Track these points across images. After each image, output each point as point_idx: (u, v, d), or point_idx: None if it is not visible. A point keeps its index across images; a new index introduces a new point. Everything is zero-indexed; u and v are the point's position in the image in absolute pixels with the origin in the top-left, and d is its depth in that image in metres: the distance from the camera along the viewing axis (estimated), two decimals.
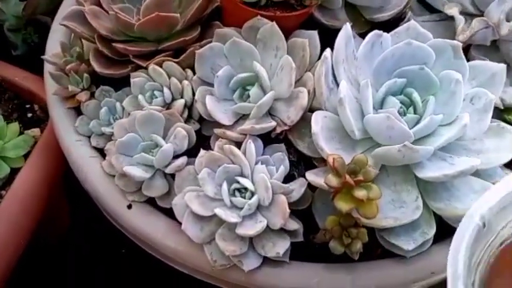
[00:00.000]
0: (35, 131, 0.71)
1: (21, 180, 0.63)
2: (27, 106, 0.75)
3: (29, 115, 0.74)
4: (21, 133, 0.69)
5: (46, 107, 0.73)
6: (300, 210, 0.52)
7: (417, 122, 0.52)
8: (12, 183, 0.63)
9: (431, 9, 0.68)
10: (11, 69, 0.75)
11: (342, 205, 0.42)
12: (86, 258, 0.95)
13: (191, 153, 0.56)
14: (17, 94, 0.75)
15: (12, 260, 0.60)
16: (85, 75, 0.60)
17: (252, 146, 0.50)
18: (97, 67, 0.59)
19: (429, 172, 0.48)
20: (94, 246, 0.96)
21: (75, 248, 0.93)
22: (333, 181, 0.42)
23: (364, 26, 0.66)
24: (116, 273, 0.95)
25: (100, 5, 0.63)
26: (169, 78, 0.57)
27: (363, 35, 0.63)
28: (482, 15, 0.62)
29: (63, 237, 0.87)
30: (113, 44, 0.60)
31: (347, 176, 0.42)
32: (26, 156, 0.67)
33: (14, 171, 0.66)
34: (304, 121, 0.54)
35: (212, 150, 0.55)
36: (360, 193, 0.42)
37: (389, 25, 0.64)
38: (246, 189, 0.50)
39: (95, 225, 0.90)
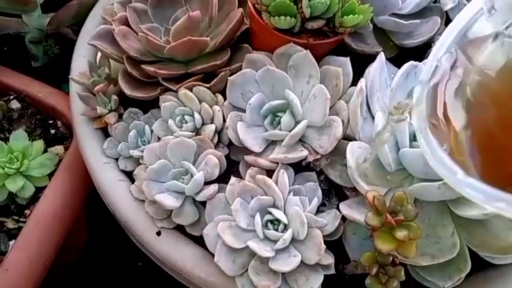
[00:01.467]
0: (59, 149, 0.70)
1: (47, 200, 0.62)
2: (50, 122, 0.74)
3: (52, 131, 0.73)
4: (45, 150, 0.69)
5: (69, 124, 0.73)
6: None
7: None
8: (37, 203, 0.63)
9: None
10: (35, 84, 0.75)
11: (383, 245, 0.42)
12: (103, 271, 0.95)
13: (220, 178, 0.55)
14: (39, 109, 0.75)
15: (40, 280, 0.59)
16: (113, 96, 0.60)
17: (285, 177, 0.50)
18: (126, 90, 0.59)
19: (468, 210, 0.47)
20: (110, 259, 0.96)
21: (92, 261, 0.93)
22: (374, 220, 0.42)
23: (393, 50, 0.66)
24: (133, 287, 0.95)
25: (127, 24, 0.63)
26: (200, 103, 0.57)
27: (391, 60, 0.63)
28: None
29: (81, 251, 0.87)
30: (143, 66, 0.59)
31: (388, 216, 0.41)
32: (49, 174, 0.67)
33: (38, 190, 0.66)
34: (336, 149, 0.54)
35: (241, 176, 0.55)
36: (401, 234, 0.41)
37: (418, 50, 0.64)
38: (278, 220, 0.49)
39: (111, 237, 0.90)
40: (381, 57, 0.54)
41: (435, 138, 0.37)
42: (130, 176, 0.59)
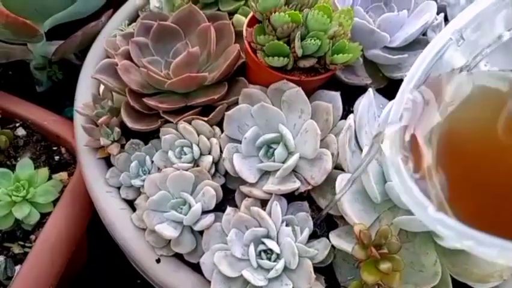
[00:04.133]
0: (63, 175, 0.73)
1: (52, 227, 0.65)
2: (54, 148, 0.77)
3: (56, 158, 0.76)
4: (49, 177, 0.72)
5: (73, 150, 0.75)
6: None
7: None
8: (43, 229, 0.66)
9: None
10: (40, 112, 0.78)
11: (368, 277, 0.45)
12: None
13: (217, 206, 0.58)
14: (44, 136, 0.78)
15: None
16: (116, 129, 0.63)
17: (278, 209, 0.53)
18: (128, 123, 0.62)
19: (450, 241, 0.49)
20: (109, 277, 0.98)
21: (92, 279, 0.95)
22: (360, 254, 0.45)
23: (382, 82, 0.69)
24: None
25: (130, 58, 0.66)
26: (198, 135, 0.60)
27: (381, 90, 0.67)
28: None
29: (81, 270, 0.89)
30: (144, 99, 0.62)
31: (373, 250, 0.44)
32: (54, 200, 0.70)
33: (43, 215, 0.68)
34: (326, 179, 0.56)
35: (237, 205, 0.58)
36: (385, 266, 0.44)
37: None
38: (271, 250, 0.52)
39: (111, 255, 0.92)
40: (370, 93, 0.58)
41: (406, 171, 0.36)
42: (131, 204, 0.62)
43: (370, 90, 0.58)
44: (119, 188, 0.63)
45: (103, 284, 0.98)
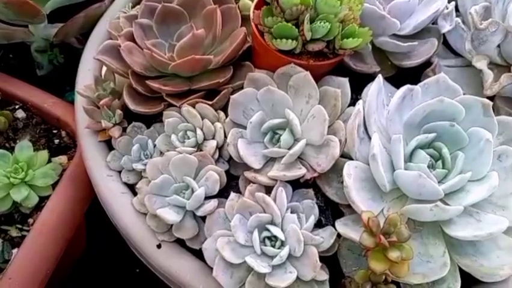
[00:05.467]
0: (62, 159, 0.72)
1: (50, 210, 0.64)
2: (54, 131, 0.76)
3: (56, 141, 0.75)
4: (49, 160, 0.70)
5: (73, 134, 0.74)
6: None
7: (446, 176, 0.53)
8: (41, 212, 0.64)
9: (455, 51, 0.69)
10: (40, 94, 0.76)
11: (376, 265, 0.43)
12: (101, 277, 0.96)
13: (220, 192, 0.57)
14: (44, 119, 0.76)
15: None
16: (118, 111, 0.61)
17: (283, 195, 0.52)
18: (130, 104, 0.60)
19: (459, 231, 0.48)
20: (108, 265, 0.97)
21: (90, 266, 0.94)
22: (368, 241, 0.43)
23: (391, 70, 0.68)
24: None
25: (133, 40, 0.65)
26: (202, 119, 0.58)
27: (389, 79, 0.65)
28: (509, 67, 0.63)
29: (80, 258, 0.88)
30: (147, 82, 0.61)
31: (382, 238, 0.43)
32: (53, 184, 0.68)
33: (42, 199, 0.67)
34: (332, 167, 0.55)
35: (240, 191, 0.57)
36: (394, 254, 0.43)
37: (414, 70, 0.66)
38: (275, 237, 0.51)
39: (109, 244, 0.91)
40: (379, 79, 0.56)
41: None
42: (132, 188, 0.61)
43: (380, 77, 0.56)
44: (120, 172, 0.61)
45: (101, 272, 0.97)
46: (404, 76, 0.65)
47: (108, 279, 0.96)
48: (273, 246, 0.51)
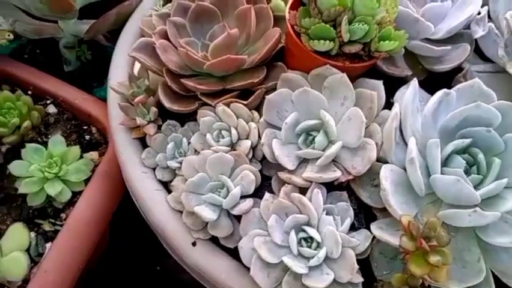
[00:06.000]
0: (94, 155, 0.72)
1: (83, 206, 0.65)
2: (85, 127, 0.76)
3: (87, 137, 0.75)
4: (80, 156, 0.71)
5: (104, 130, 0.75)
6: None
7: (481, 182, 0.53)
8: (74, 207, 0.65)
9: (484, 57, 0.69)
10: (71, 90, 0.77)
11: (416, 269, 0.43)
12: (122, 273, 0.97)
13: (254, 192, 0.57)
14: (74, 115, 0.77)
15: (74, 281, 0.61)
16: (153, 108, 0.62)
17: (319, 197, 0.52)
18: (166, 102, 0.61)
19: (497, 237, 0.49)
20: (129, 262, 0.98)
21: (112, 262, 0.95)
22: (408, 245, 0.44)
23: (422, 74, 0.67)
24: None
25: (167, 38, 0.65)
26: (237, 119, 0.59)
27: (420, 83, 0.65)
28: None
29: (103, 254, 0.89)
30: (182, 80, 0.61)
31: (423, 242, 0.43)
32: (85, 179, 0.69)
33: (74, 194, 0.68)
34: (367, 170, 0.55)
35: (273, 192, 0.57)
36: (434, 259, 0.43)
37: (446, 75, 0.66)
38: (312, 238, 0.51)
39: (130, 242, 0.92)
40: (415, 83, 0.56)
41: None
42: (165, 185, 0.61)
43: (415, 81, 0.56)
44: (154, 169, 0.62)
45: (123, 268, 0.97)
46: (434, 81, 0.65)
47: (129, 275, 0.97)
48: (309, 247, 0.51)
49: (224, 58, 0.59)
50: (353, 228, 0.55)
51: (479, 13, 0.66)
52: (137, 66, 0.71)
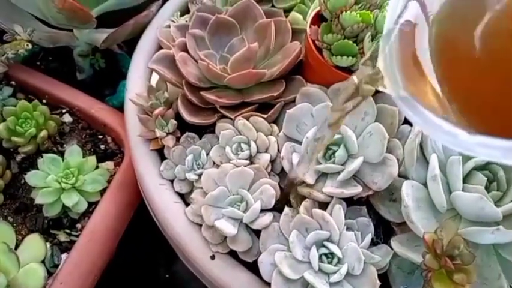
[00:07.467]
0: (109, 165, 0.72)
1: (99, 216, 0.65)
2: (100, 137, 0.76)
3: (102, 146, 0.75)
4: (96, 166, 0.71)
5: (119, 140, 0.75)
6: None
7: (500, 199, 0.53)
8: (90, 218, 0.65)
9: None
10: (86, 99, 0.77)
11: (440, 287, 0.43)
12: (131, 281, 0.96)
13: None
14: (89, 124, 0.77)
15: None
16: (172, 121, 0.62)
17: (341, 213, 0.52)
18: (186, 115, 0.61)
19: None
20: (138, 271, 0.97)
21: (121, 269, 0.95)
22: (432, 263, 0.44)
23: None
24: None
25: (186, 50, 0.65)
26: (257, 132, 0.59)
27: None
28: None
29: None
30: (202, 93, 0.61)
31: (448, 260, 0.43)
32: (100, 190, 0.69)
33: (90, 204, 0.68)
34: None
35: (291, 205, 0.57)
36: (459, 277, 0.43)
37: None
38: (332, 254, 0.51)
39: (139, 249, 0.92)
40: None
41: (419, 102, 0.31)
42: (183, 197, 0.61)
43: None
44: (171, 181, 0.62)
45: (132, 276, 0.97)
46: None
47: (138, 282, 0.97)
48: (330, 263, 0.51)
49: (245, 72, 0.59)
50: (372, 243, 0.55)
51: None
52: (154, 76, 0.71)
